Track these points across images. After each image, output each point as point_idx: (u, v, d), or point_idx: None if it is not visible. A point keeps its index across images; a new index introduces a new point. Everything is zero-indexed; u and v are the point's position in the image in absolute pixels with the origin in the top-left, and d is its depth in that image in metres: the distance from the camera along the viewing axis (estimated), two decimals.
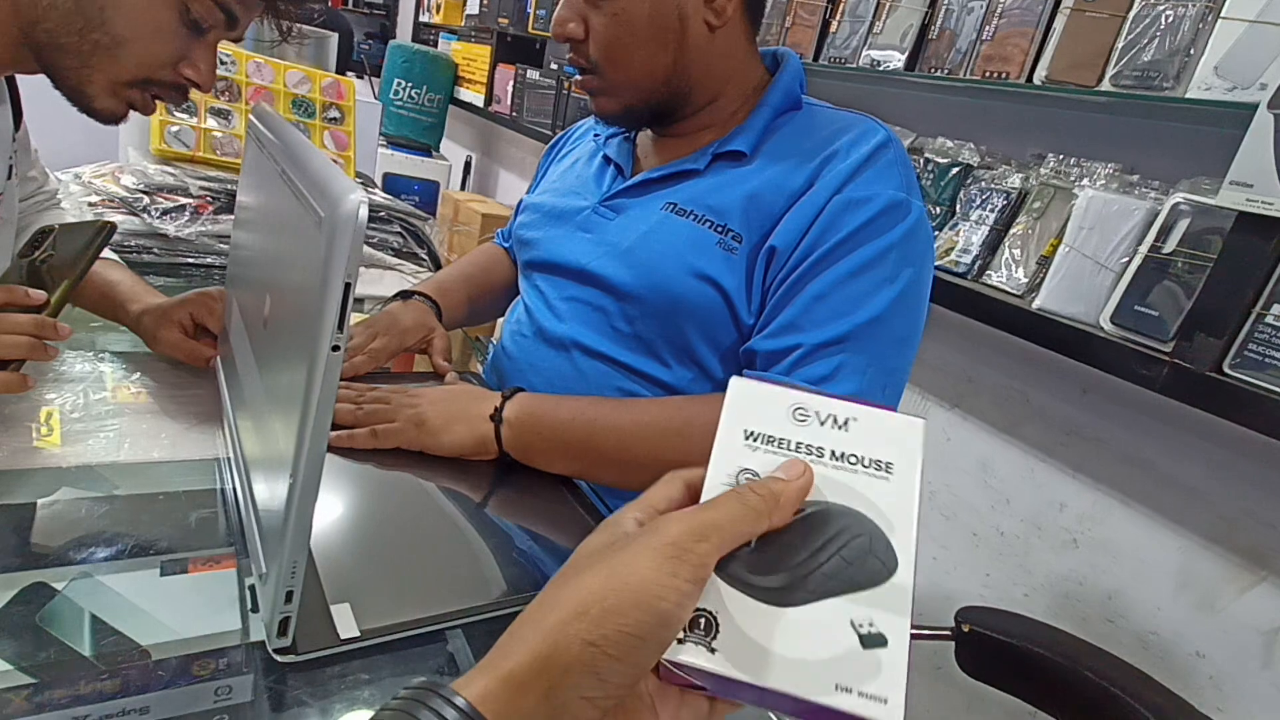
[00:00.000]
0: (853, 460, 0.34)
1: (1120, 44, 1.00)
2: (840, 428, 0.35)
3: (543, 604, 0.29)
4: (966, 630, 0.87)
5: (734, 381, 0.36)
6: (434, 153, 3.04)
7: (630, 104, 0.79)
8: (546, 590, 0.30)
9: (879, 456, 0.34)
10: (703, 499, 0.33)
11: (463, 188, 3.34)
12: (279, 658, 0.44)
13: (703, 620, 0.30)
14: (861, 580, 0.31)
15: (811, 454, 0.34)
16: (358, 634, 0.46)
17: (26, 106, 0.84)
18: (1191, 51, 0.92)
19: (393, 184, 2.77)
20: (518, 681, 0.27)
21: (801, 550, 0.32)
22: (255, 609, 0.49)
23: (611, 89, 0.78)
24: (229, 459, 0.63)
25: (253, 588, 0.51)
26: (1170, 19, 0.94)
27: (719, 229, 0.74)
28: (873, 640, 0.30)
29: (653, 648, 0.28)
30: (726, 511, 0.31)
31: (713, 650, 0.30)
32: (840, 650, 0.29)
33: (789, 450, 0.34)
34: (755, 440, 0.35)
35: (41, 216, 0.92)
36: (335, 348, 0.37)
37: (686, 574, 0.28)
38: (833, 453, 0.34)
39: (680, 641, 0.30)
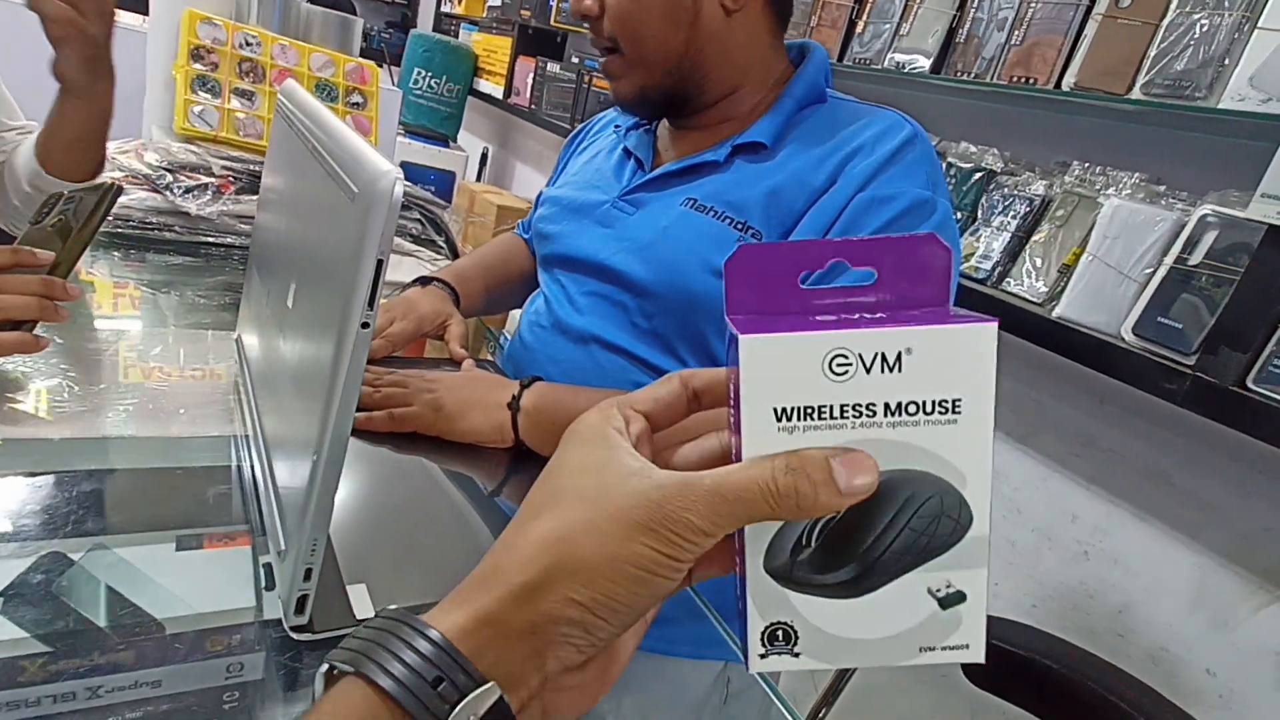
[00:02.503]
0: (912, 410, 0.27)
1: (1153, 52, 0.98)
2: (892, 369, 0.27)
3: (528, 536, 0.28)
4: None
5: (745, 342, 0.27)
6: (451, 143, 3.05)
7: (645, 86, 0.79)
8: (532, 513, 0.28)
9: (944, 395, 0.27)
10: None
11: (479, 179, 3.34)
12: (295, 635, 0.44)
13: (780, 632, 0.29)
14: (935, 547, 0.28)
15: (861, 417, 0.27)
16: (373, 615, 0.46)
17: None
18: (1226, 61, 0.91)
19: (409, 173, 2.77)
20: (497, 621, 0.26)
21: (867, 533, 0.28)
22: (270, 587, 0.49)
23: (628, 69, 0.78)
24: (248, 436, 0.63)
25: (268, 565, 0.51)
26: (1205, 28, 0.93)
27: (739, 225, 0.73)
28: (951, 600, 0.29)
29: (644, 610, 0.27)
30: (746, 504, 0.26)
31: (796, 655, 0.29)
32: (921, 618, 0.29)
33: (834, 421, 0.27)
34: (790, 418, 0.27)
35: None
36: (365, 325, 0.37)
37: (687, 558, 0.26)
38: (887, 407, 0.27)
39: (763, 656, 0.29)
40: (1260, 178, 0.82)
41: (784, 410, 0.27)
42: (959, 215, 1.26)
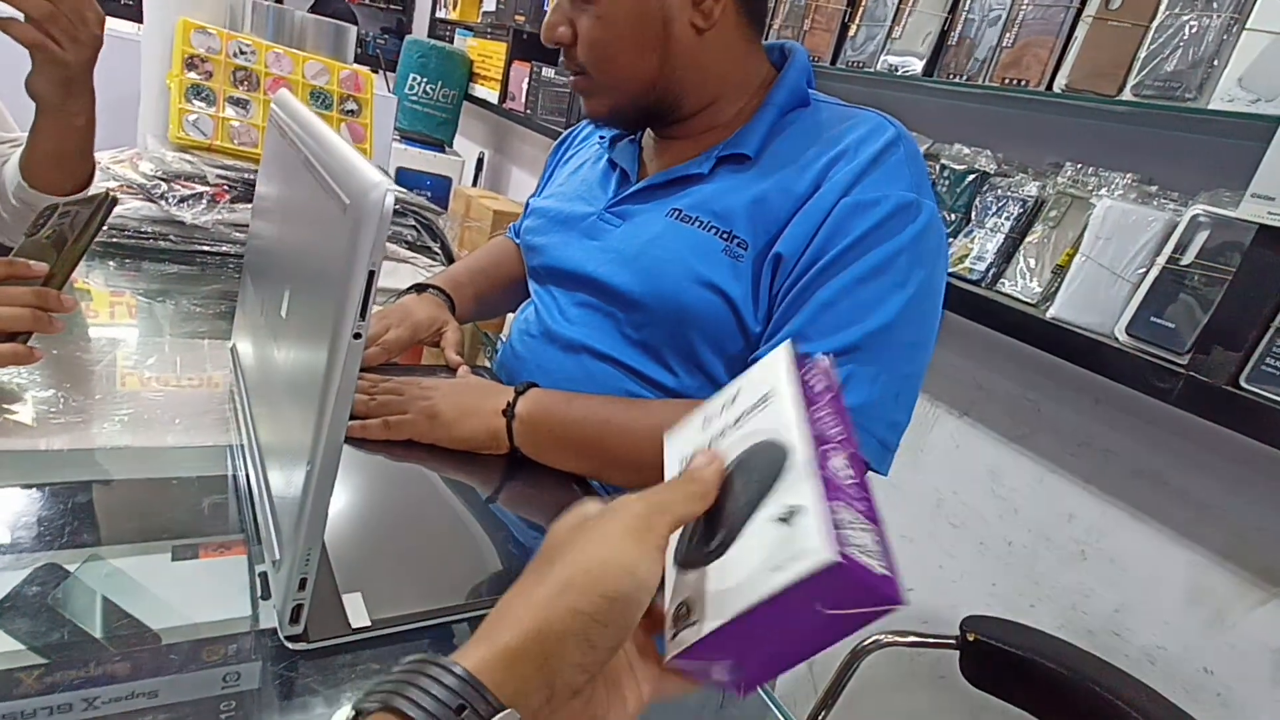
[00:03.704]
0: (742, 416, 0.39)
1: (1143, 54, 0.99)
2: (731, 403, 0.41)
3: (527, 583, 0.32)
4: (971, 639, 0.87)
5: (665, 437, 0.44)
6: (447, 148, 3.05)
7: (618, 105, 0.79)
8: (527, 574, 0.33)
9: (758, 396, 0.39)
10: None
11: (475, 184, 3.34)
12: (290, 645, 0.44)
13: (684, 609, 0.33)
14: (768, 478, 0.34)
15: (724, 434, 0.39)
16: (369, 623, 0.46)
17: None
18: (1215, 62, 0.91)
19: (405, 179, 2.77)
20: (514, 652, 0.29)
21: (729, 503, 0.35)
22: (266, 596, 0.49)
23: (599, 90, 0.78)
24: (243, 446, 0.63)
25: (264, 575, 0.51)
26: (1194, 29, 0.93)
27: (724, 235, 0.73)
28: (792, 515, 0.32)
29: (633, 611, 0.30)
30: (678, 492, 0.35)
31: (693, 623, 0.32)
32: (772, 544, 0.31)
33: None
34: (688, 461, 0.38)
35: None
36: (357, 335, 0.37)
37: (652, 542, 0.32)
38: (731, 422, 0.39)
39: (674, 636, 0.33)
40: (1250, 178, 0.82)
41: (684, 457, 0.41)
42: (953, 217, 1.26)
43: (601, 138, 0.93)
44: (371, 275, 0.36)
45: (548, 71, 2.56)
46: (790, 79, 0.78)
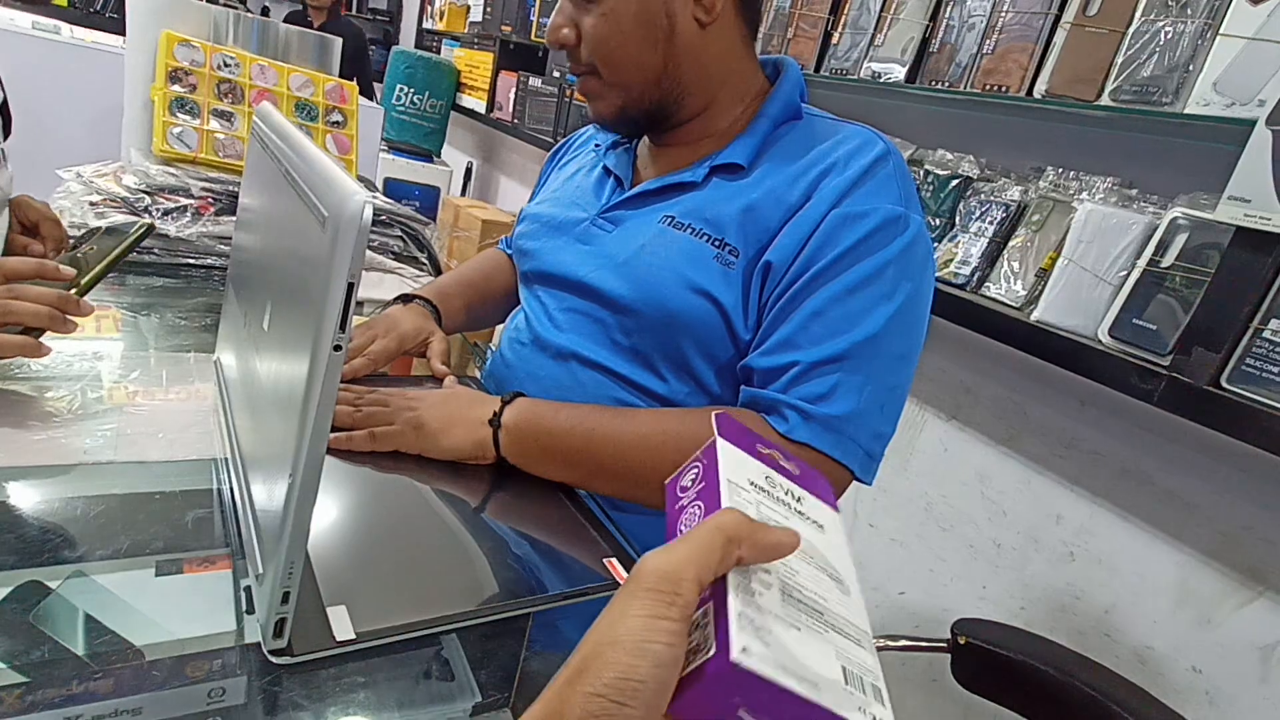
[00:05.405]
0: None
1: (1120, 59, 1.00)
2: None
3: (560, 674, 0.30)
4: (963, 642, 0.87)
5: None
6: (435, 158, 3.06)
7: (625, 106, 0.79)
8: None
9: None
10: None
11: (463, 194, 3.35)
12: (274, 659, 0.44)
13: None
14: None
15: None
16: (353, 636, 0.46)
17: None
18: (1190, 67, 0.93)
19: (394, 189, 2.77)
20: None
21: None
22: (251, 610, 0.49)
23: (606, 91, 0.79)
24: (226, 459, 0.63)
25: (248, 589, 0.50)
26: (1170, 35, 0.95)
27: (716, 243, 0.74)
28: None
29: (657, 689, 0.29)
30: (699, 542, 0.31)
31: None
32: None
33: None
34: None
35: None
36: (337, 347, 0.37)
37: (674, 614, 0.29)
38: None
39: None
40: (1227, 180, 0.84)
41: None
42: (937, 222, 1.27)
43: (597, 145, 0.94)
44: (351, 287, 0.36)
45: (535, 81, 2.56)
46: (784, 92, 0.79)
